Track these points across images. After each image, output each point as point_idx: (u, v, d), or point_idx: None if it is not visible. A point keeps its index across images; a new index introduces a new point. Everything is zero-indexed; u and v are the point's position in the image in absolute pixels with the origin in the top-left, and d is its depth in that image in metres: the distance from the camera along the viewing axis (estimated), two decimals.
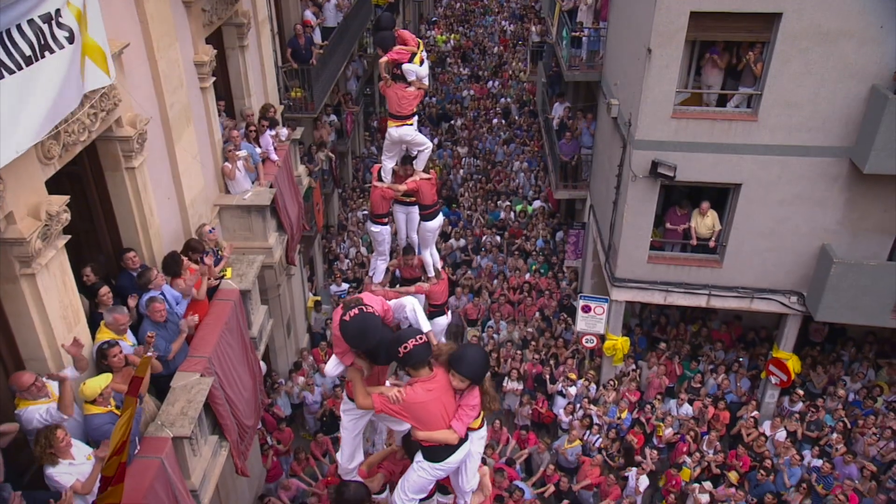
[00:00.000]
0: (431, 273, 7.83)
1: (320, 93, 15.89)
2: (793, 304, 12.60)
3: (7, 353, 5.62)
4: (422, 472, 5.00)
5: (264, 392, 9.79)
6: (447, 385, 4.79)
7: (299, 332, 14.89)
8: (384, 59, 7.03)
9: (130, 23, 7.32)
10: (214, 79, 9.71)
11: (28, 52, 5.10)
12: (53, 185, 6.10)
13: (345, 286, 17.33)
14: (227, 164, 9.90)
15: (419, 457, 5.01)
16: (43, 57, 5.23)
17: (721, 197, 12.38)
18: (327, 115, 18.38)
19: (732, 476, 11.71)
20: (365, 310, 4.60)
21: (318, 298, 16.38)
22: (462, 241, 19.57)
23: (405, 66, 6.89)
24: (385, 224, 7.76)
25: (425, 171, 7.46)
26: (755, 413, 13.25)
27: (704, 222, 12.39)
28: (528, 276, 17.81)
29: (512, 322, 15.92)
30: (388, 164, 7.50)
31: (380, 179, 7.58)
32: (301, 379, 13.44)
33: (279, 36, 14.53)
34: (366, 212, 17.55)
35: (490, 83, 32.48)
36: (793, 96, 10.88)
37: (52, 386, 5.42)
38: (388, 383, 5.27)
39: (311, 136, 16.32)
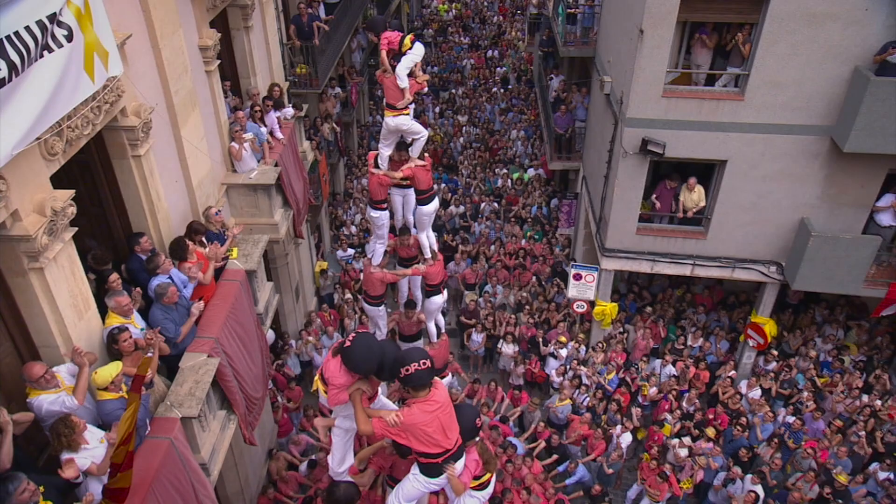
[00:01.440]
0: (428, 255, 7.65)
1: (324, 68, 15.43)
2: (772, 274, 12.45)
3: (21, 341, 5.49)
4: (417, 484, 4.93)
5: (270, 364, 9.71)
6: (445, 403, 4.64)
7: (307, 297, 14.81)
8: (384, 51, 6.73)
9: (133, 12, 6.96)
10: (219, 62, 9.34)
11: (33, 52, 4.83)
12: (63, 173, 5.91)
13: (350, 251, 17.20)
14: (233, 144, 9.61)
15: (415, 470, 4.90)
16: (42, 57, 4.94)
17: (707, 172, 12.09)
18: (332, 87, 17.90)
19: (710, 431, 11.77)
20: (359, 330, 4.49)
21: (325, 265, 16.25)
22: (461, 208, 19.35)
23: (400, 67, 6.58)
24: (384, 209, 7.54)
25: (420, 157, 7.20)
26: (733, 373, 13.27)
27: (691, 197, 12.14)
28: (523, 242, 17.63)
29: (508, 286, 15.84)
30: (385, 151, 7.23)
31: (377, 166, 7.32)
32: (311, 338, 13.42)
33: (283, 13, 14.01)
34: None
35: (489, 52, 31.67)
36: (779, 76, 10.49)
37: (62, 377, 5.32)
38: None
39: (316, 110, 15.92)
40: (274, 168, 10.01)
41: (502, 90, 27.69)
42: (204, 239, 7.80)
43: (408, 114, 6.78)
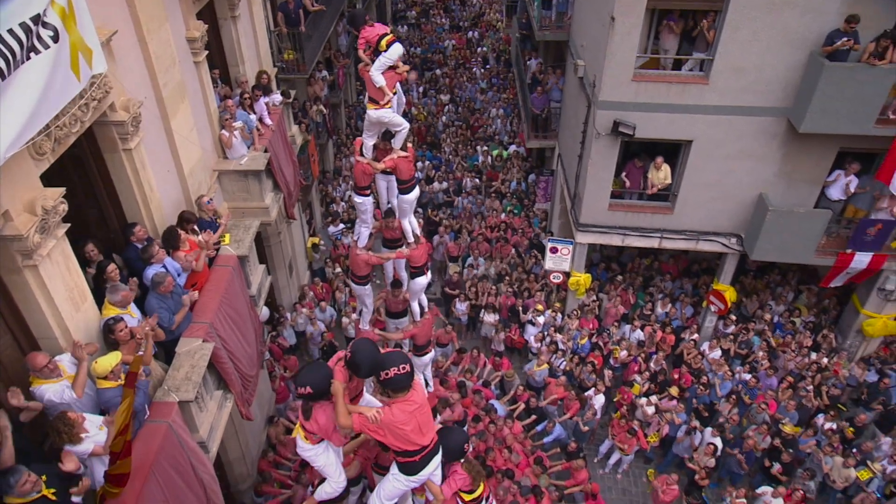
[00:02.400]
0: (411, 239, 7.48)
1: (311, 54, 14.92)
2: (732, 245, 12.45)
3: (20, 334, 5.30)
4: (397, 483, 4.82)
5: (264, 342, 9.56)
6: (423, 403, 4.53)
7: (300, 271, 14.62)
8: (360, 50, 6.42)
9: (119, 8, 6.56)
10: (207, 52, 8.93)
11: (19, 54, 4.52)
12: (56, 166, 5.61)
13: (341, 226, 16.96)
14: (223, 132, 9.27)
15: (395, 469, 4.79)
16: (28, 59, 4.62)
17: (674, 151, 11.95)
18: (319, 71, 17.36)
19: (674, 390, 11.90)
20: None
21: (317, 239, 16.02)
22: (444, 184, 19.07)
23: (373, 69, 6.29)
24: (367, 195, 7.32)
25: (402, 148, 6.96)
26: (696, 336, 13.36)
27: (659, 175, 12.02)
28: (503, 216, 17.48)
29: (489, 258, 15.75)
30: (369, 141, 6.98)
31: (362, 154, 7.08)
32: (304, 311, 13.29)
33: (270, 1, 13.45)
34: None
35: (470, 33, 30.95)
36: (741, 61, 10.29)
37: (64, 365, 5.15)
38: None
39: (304, 93, 15.45)
40: (263, 154, 9.70)
41: (482, 70, 27.15)
42: (196, 227, 7.55)
43: (389, 107, 6.53)
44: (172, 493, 5.35)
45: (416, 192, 7.24)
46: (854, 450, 11.14)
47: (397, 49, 6.30)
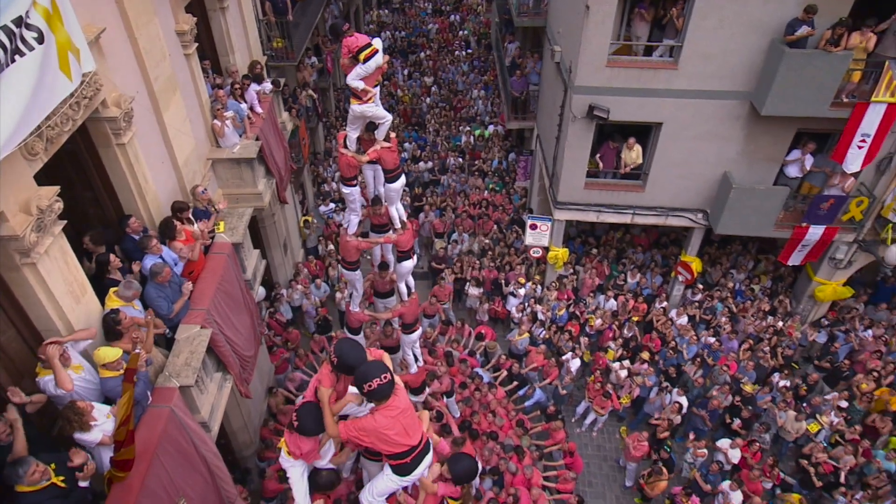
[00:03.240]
0: (398, 225, 7.35)
1: (299, 41, 14.43)
2: (698, 220, 12.46)
3: (24, 327, 5.14)
4: (390, 483, 4.71)
5: (261, 322, 9.45)
6: (406, 407, 4.40)
7: (295, 249, 14.43)
8: (344, 59, 6.24)
9: (107, 5, 6.22)
10: (197, 45, 8.57)
11: (2, 58, 4.25)
12: (53, 161, 5.35)
13: (332, 205, 16.71)
14: (216, 121, 8.98)
15: (388, 470, 4.66)
16: (13, 62, 4.36)
17: (645, 133, 11.82)
18: (308, 57, 16.85)
19: (645, 355, 12.04)
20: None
21: (310, 217, 15.79)
22: (429, 164, 18.83)
23: (350, 79, 6.13)
24: (354, 185, 7.14)
25: (386, 139, 6.77)
26: (664, 304, 13.48)
27: (631, 155, 11.92)
28: (485, 193, 17.33)
29: (473, 234, 15.65)
30: (353, 134, 6.77)
31: (346, 147, 6.88)
32: (300, 287, 13.18)
33: None
34: None
35: (452, 17, 30.18)
36: (708, 48, 10.12)
37: (73, 356, 5.02)
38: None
39: (294, 80, 15.00)
40: (255, 142, 9.43)
41: (464, 53, 26.56)
42: (190, 215, 7.34)
43: (372, 102, 6.33)
44: (177, 473, 5.30)
45: (402, 180, 7.08)
46: (805, 404, 11.41)
47: (374, 62, 6.13)
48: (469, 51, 26.69)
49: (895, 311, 13.29)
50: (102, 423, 4.80)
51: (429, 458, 4.61)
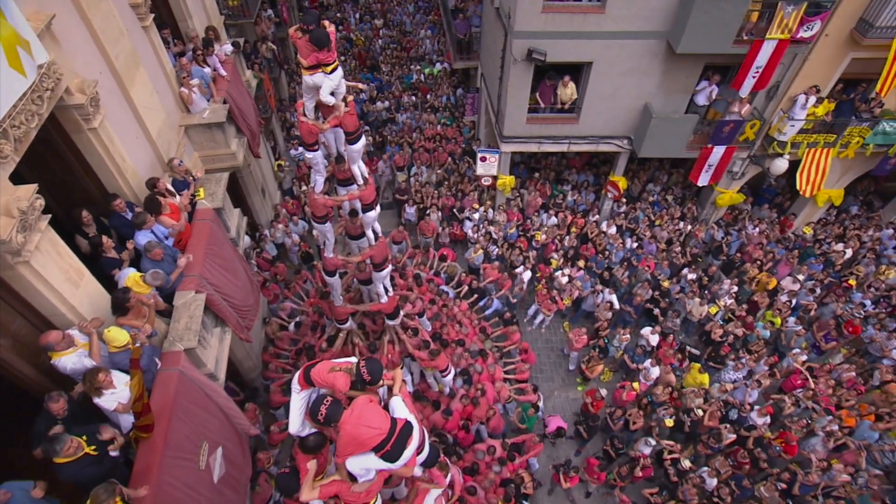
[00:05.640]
0: (360, 181, 6.95)
1: None
2: (624, 146, 12.36)
3: (30, 315, 4.78)
4: (380, 464, 4.26)
5: (253, 271, 9.05)
6: (365, 401, 4.10)
7: (272, 193, 13.72)
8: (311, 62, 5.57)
9: None
10: (154, 15, 7.43)
11: None
12: (29, 154, 4.73)
13: (301, 149, 15.74)
14: (183, 89, 8.04)
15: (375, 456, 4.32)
16: None
17: (578, 71, 11.31)
18: (265, 10, 15.05)
19: (581, 262, 12.35)
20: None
21: (283, 161, 14.93)
22: (386, 103, 17.76)
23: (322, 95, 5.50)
24: (317, 150, 6.59)
25: (344, 102, 6.19)
26: (597, 217, 13.66)
27: (566, 91, 11.46)
28: (438, 127, 16.61)
29: (430, 166, 15.17)
30: (310, 104, 6.15)
31: (305, 115, 6.28)
32: (281, 226, 12.73)
33: None
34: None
35: None
36: None
37: (76, 335, 4.75)
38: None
39: (253, 34, 13.46)
40: (223, 105, 8.53)
41: None
42: (170, 186, 6.73)
43: (326, 71, 5.69)
44: (195, 423, 5.27)
45: (363, 141, 6.59)
46: (706, 292, 12.11)
47: (335, 76, 5.68)
48: None
49: (774, 210, 13.93)
50: (121, 390, 4.64)
51: (414, 442, 4.29)
